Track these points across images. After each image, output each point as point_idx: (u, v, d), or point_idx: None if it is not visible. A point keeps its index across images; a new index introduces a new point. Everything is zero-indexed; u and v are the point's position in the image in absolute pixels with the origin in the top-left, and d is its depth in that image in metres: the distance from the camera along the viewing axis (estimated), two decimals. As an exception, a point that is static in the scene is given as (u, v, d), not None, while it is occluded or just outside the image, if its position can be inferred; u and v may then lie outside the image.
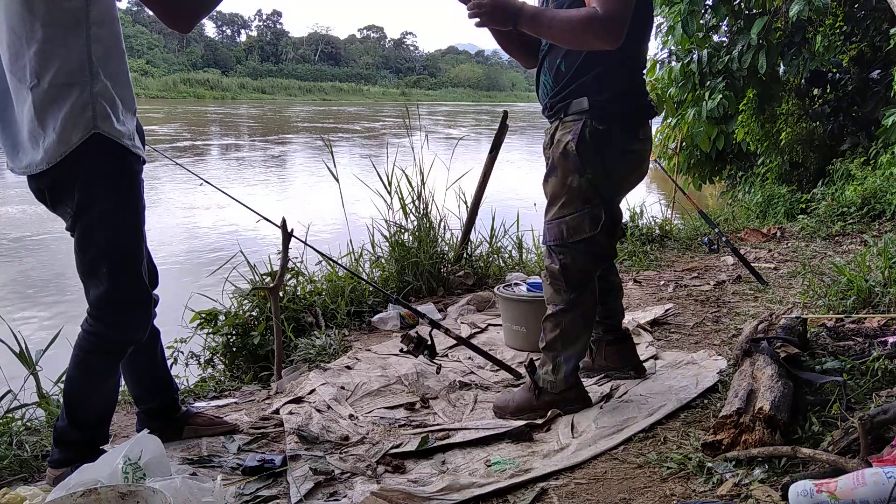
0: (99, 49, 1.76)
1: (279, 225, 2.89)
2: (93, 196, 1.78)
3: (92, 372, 1.88)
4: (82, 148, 1.74)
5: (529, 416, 2.24)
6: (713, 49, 7.66)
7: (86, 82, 1.74)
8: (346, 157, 13.12)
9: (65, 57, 1.73)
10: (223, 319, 3.37)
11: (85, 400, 1.89)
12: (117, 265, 1.82)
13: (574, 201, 2.14)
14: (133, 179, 1.87)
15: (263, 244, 4.99)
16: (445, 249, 4.20)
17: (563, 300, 2.21)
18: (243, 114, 34.66)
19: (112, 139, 1.77)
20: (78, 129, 1.74)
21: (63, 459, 1.87)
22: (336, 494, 1.84)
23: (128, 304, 1.85)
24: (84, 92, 1.74)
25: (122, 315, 1.84)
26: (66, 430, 1.88)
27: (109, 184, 1.80)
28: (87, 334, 1.85)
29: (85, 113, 1.74)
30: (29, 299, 5.55)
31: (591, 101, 2.07)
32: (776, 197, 7.23)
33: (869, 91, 7.59)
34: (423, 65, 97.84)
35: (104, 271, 1.80)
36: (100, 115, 1.76)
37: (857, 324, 2.80)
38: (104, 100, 1.77)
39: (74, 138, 1.74)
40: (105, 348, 1.86)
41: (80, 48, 1.73)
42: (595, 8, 1.86)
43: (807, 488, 1.46)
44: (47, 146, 1.75)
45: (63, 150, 1.74)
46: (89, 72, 1.75)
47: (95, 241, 1.81)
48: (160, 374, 2.18)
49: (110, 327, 1.83)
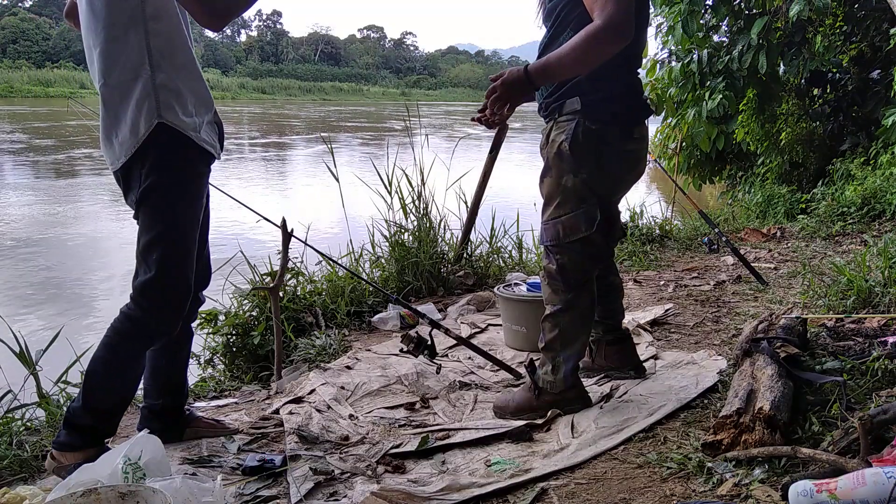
0: (159, 42, 1.81)
1: (279, 225, 2.89)
2: (156, 184, 1.82)
3: (118, 355, 1.90)
4: (150, 138, 1.79)
5: (529, 416, 2.24)
6: (713, 49, 7.66)
7: (148, 75, 1.80)
8: (346, 157, 13.13)
9: (126, 53, 1.79)
10: (223, 319, 3.37)
11: (105, 383, 1.90)
12: (169, 255, 1.85)
13: (569, 201, 2.14)
14: (196, 174, 1.92)
15: (263, 244, 4.99)
16: (445, 249, 4.20)
17: (561, 300, 2.21)
18: (274, 113, 34.60)
19: (177, 130, 1.82)
20: (144, 119, 1.80)
21: (68, 443, 1.88)
22: (336, 494, 1.84)
23: (169, 295, 1.88)
24: (147, 84, 1.80)
25: (162, 304, 1.88)
26: (78, 412, 1.89)
27: (172, 175, 1.85)
28: (124, 317, 1.88)
29: (149, 104, 1.80)
30: (29, 299, 5.55)
31: (584, 100, 2.07)
32: (776, 197, 7.24)
33: (869, 91, 7.60)
34: (423, 65, 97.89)
35: (155, 258, 1.84)
36: (163, 105, 1.81)
37: (857, 324, 2.80)
38: (167, 90, 1.82)
39: (142, 129, 1.79)
40: (137, 333, 1.88)
41: (139, 43, 1.79)
42: (593, 21, 1.87)
43: (807, 488, 1.46)
44: (122, 140, 1.82)
45: (134, 142, 1.80)
46: (149, 64, 1.80)
47: (153, 227, 1.85)
48: (177, 377, 2.18)
49: (147, 313, 1.86)
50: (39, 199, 10.05)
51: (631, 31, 1.89)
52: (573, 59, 1.91)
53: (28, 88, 40.36)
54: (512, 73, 1.96)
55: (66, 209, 9.28)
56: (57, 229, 8.03)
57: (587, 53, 1.89)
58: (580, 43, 1.88)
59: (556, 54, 1.94)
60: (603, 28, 1.85)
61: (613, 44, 1.89)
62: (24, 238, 7.55)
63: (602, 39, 1.86)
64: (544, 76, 1.97)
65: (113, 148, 1.87)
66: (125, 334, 1.88)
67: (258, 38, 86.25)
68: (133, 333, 1.88)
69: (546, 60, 1.95)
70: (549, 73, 1.97)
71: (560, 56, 1.92)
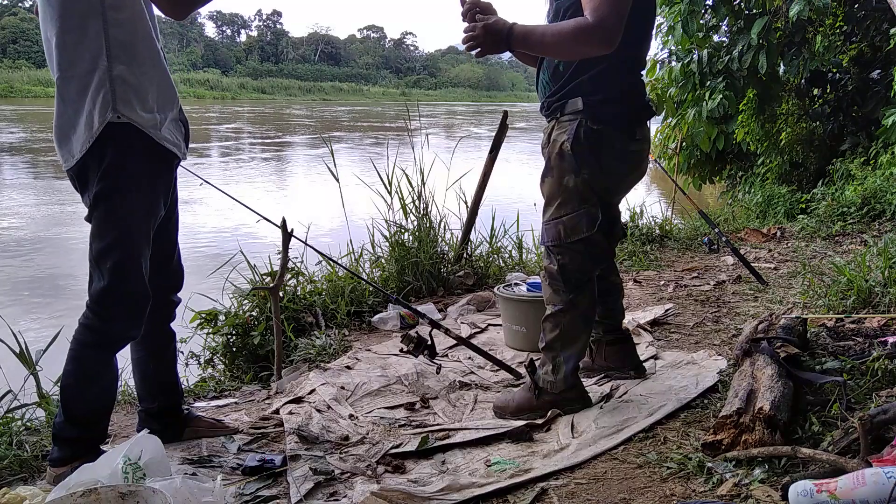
0: (119, 32, 1.73)
1: (279, 225, 2.89)
2: (112, 188, 1.75)
3: (86, 366, 1.86)
4: (106, 134, 1.72)
5: (529, 416, 2.24)
6: (713, 49, 7.66)
7: (104, 66, 1.71)
8: (345, 157, 13.12)
9: (85, 44, 1.70)
10: (223, 319, 3.37)
11: (80, 394, 1.87)
12: (124, 263, 1.80)
13: (570, 201, 2.14)
14: (156, 175, 1.83)
15: (263, 244, 4.99)
16: (445, 249, 4.20)
17: (561, 300, 2.21)
18: (288, 113, 34.57)
19: (135, 126, 1.74)
20: (98, 113, 1.71)
21: (62, 458, 1.86)
22: (336, 494, 1.84)
23: (126, 302, 1.83)
24: (103, 76, 1.71)
25: (118, 311, 1.82)
26: (62, 426, 1.87)
27: (129, 177, 1.77)
28: (82, 327, 1.84)
29: (104, 96, 1.71)
30: (29, 299, 5.55)
31: (586, 101, 2.07)
32: (776, 197, 7.24)
33: (869, 91, 7.60)
34: (423, 65, 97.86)
35: (109, 267, 1.78)
36: (120, 99, 1.72)
37: (857, 324, 2.80)
38: (125, 83, 1.73)
39: (96, 124, 1.71)
40: (98, 342, 1.85)
41: (97, 33, 1.70)
42: (585, 17, 1.86)
43: (807, 488, 1.47)
44: (77, 136, 1.74)
45: (88, 136, 1.72)
46: (107, 55, 1.71)
47: (107, 234, 1.78)
48: (167, 378, 2.17)
49: (106, 322, 1.82)
50: (40, 198, 10.06)
51: (616, 40, 1.88)
52: (553, 42, 1.92)
53: (28, 88, 40.37)
54: (498, 22, 1.95)
55: (66, 209, 9.28)
56: (57, 229, 8.04)
57: (567, 44, 1.90)
58: (565, 31, 1.89)
59: (541, 29, 1.95)
60: (591, 27, 1.84)
61: (596, 45, 1.88)
62: (24, 238, 7.56)
63: (586, 37, 1.86)
64: (522, 42, 1.96)
65: (69, 144, 1.77)
66: (88, 344, 1.84)
67: (258, 38, 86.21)
68: (95, 342, 1.84)
69: (532, 29, 1.95)
70: (528, 43, 1.96)
71: (544, 33, 1.93)
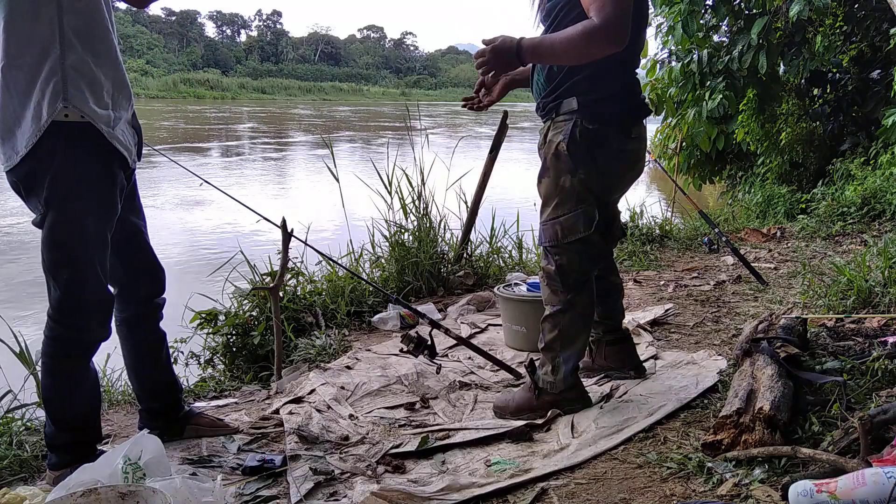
0: (75, 20, 1.62)
1: (279, 225, 2.89)
2: (62, 192, 1.65)
3: (61, 376, 1.81)
4: (55, 132, 1.61)
5: (529, 416, 2.24)
6: (713, 49, 7.66)
7: (57, 54, 1.61)
8: (346, 157, 13.12)
9: (37, 30, 1.60)
10: (223, 319, 3.37)
11: (63, 404, 1.83)
12: (79, 272, 1.71)
13: (567, 201, 2.14)
14: (110, 177, 1.73)
15: (263, 244, 4.99)
16: (445, 249, 4.20)
17: (560, 301, 2.21)
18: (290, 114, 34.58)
19: (87, 121, 1.64)
20: (48, 103, 1.60)
21: (60, 462, 1.85)
22: (336, 494, 1.84)
23: (89, 310, 1.76)
24: (55, 64, 1.61)
25: (80, 320, 1.76)
26: (53, 434, 1.85)
27: (82, 181, 1.67)
28: (49, 340, 1.78)
29: (54, 85, 1.60)
30: (29, 299, 5.55)
31: (581, 101, 2.07)
32: (776, 197, 7.24)
33: (869, 91, 7.60)
34: (423, 65, 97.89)
35: (65, 278, 1.71)
36: (72, 89, 1.61)
37: (857, 324, 2.80)
38: (79, 74, 1.63)
39: (45, 114, 1.59)
40: (67, 351, 1.79)
41: (51, 19, 1.60)
42: (591, 19, 1.87)
43: (807, 488, 1.46)
44: (23, 131, 1.62)
45: (36, 129, 1.61)
46: (60, 43, 1.60)
47: (60, 243, 1.70)
48: (162, 377, 2.16)
49: (70, 331, 1.76)
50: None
51: (626, 37, 1.89)
52: (564, 49, 1.92)
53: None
54: (504, 40, 1.96)
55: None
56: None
57: (578, 49, 1.90)
58: (574, 36, 1.89)
59: (550, 39, 1.96)
60: (599, 28, 1.85)
61: (605, 46, 1.89)
62: (25, 238, 7.55)
63: (595, 40, 1.87)
64: (533, 54, 1.98)
65: (13, 140, 1.64)
66: (57, 355, 1.79)
67: (258, 38, 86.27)
68: (64, 352, 1.79)
69: (540, 40, 1.97)
70: (538, 54, 1.98)
71: (553, 42, 1.94)
